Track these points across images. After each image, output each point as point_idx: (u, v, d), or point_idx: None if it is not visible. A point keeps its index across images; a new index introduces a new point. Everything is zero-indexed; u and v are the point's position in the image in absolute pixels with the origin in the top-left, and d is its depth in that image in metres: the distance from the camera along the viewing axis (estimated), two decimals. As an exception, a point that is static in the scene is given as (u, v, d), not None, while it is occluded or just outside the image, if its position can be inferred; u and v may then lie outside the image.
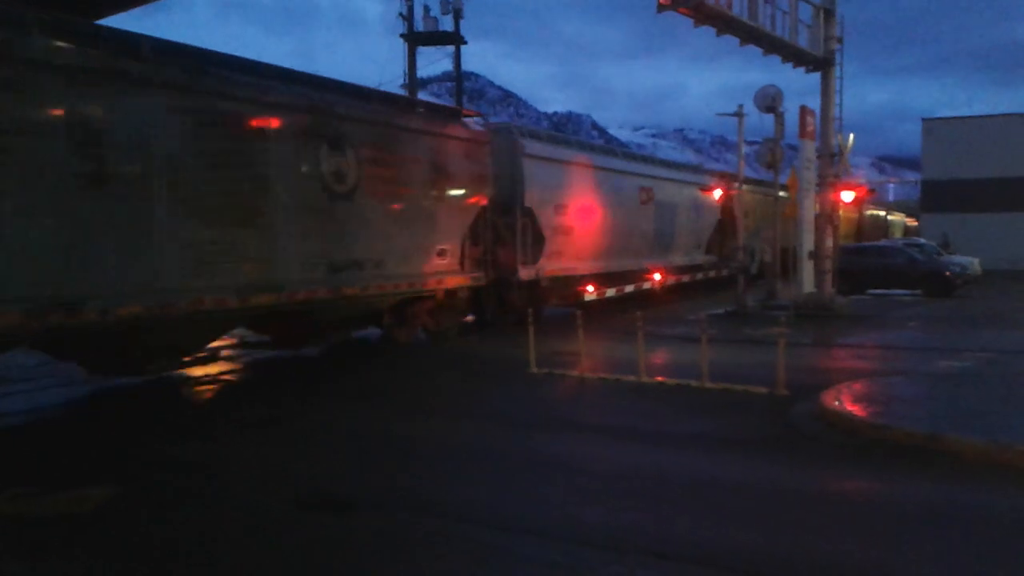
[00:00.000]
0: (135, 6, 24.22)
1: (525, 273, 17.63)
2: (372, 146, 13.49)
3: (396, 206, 14.03)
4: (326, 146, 12.57)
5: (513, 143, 17.72)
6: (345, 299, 13.12)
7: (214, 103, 10.95)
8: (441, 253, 14.93)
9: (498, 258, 16.91)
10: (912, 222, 60.34)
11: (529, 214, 17.76)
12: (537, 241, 18.03)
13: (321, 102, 12.65)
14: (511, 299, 17.63)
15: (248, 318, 12.65)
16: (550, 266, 18.50)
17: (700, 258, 28.14)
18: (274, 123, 11.81)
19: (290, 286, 11.95)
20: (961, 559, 5.51)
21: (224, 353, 15.03)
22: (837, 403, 9.41)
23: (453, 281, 15.38)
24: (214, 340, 12.98)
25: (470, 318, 17.76)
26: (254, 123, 11.54)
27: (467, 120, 17.16)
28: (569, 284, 19.64)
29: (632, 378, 11.80)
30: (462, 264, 15.61)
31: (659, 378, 11.77)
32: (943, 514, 6.37)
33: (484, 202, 16.25)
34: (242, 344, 15.31)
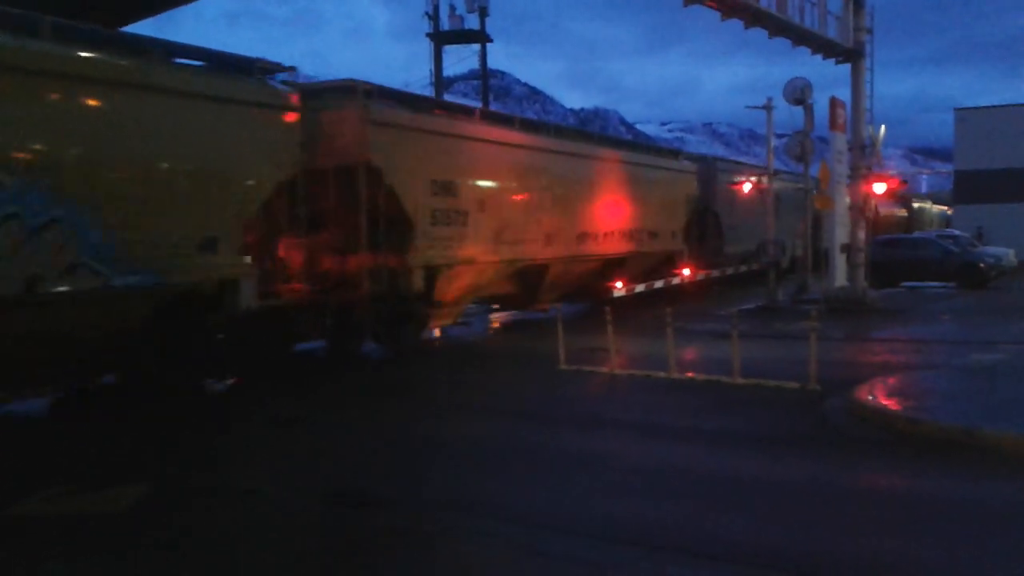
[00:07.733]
0: (156, 13, 24.66)
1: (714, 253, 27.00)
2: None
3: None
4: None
5: (710, 170, 26.89)
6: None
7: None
8: (675, 234, 24.05)
9: (698, 242, 25.93)
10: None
11: (715, 216, 27.03)
12: (718, 235, 27.08)
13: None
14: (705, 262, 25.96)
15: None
16: (728, 249, 27.57)
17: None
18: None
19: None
20: (1004, 554, 5.43)
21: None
22: (871, 398, 9.31)
23: (678, 248, 24.36)
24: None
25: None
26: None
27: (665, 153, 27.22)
28: (735, 257, 28.43)
29: (662, 374, 11.75)
30: (684, 240, 24.64)
31: (689, 374, 11.73)
32: (983, 510, 6.27)
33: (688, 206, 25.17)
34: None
